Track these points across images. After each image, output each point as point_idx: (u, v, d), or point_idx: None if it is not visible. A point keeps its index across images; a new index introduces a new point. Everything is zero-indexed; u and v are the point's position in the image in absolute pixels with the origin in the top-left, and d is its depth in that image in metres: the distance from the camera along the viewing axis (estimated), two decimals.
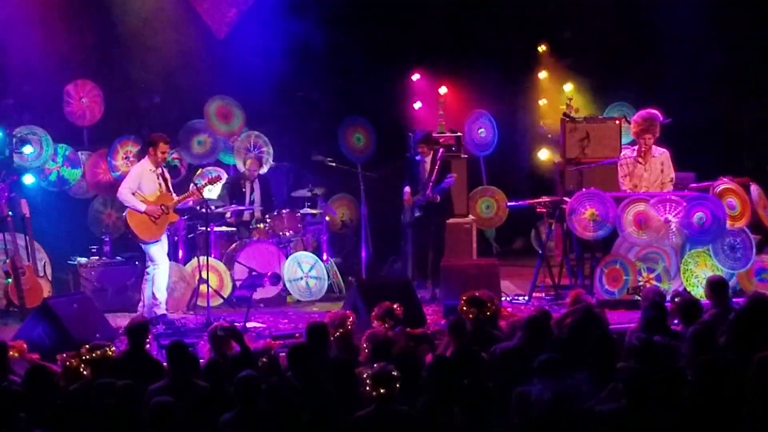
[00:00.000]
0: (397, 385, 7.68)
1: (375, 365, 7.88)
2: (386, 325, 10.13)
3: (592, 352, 8.75)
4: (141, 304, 13.39)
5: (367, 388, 7.68)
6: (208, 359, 9.06)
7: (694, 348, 8.58)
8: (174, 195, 13.49)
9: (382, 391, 7.63)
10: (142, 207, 13.14)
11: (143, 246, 13.31)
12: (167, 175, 13.57)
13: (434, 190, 14.36)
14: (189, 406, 7.69)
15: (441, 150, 14.75)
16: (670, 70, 17.40)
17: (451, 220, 15.04)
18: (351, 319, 9.94)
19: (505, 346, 9.38)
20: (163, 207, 13.24)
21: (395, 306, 10.41)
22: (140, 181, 13.27)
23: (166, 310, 13.40)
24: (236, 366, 8.69)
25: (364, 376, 7.75)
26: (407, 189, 14.61)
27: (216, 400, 7.86)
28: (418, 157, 14.60)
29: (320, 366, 8.65)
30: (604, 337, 9.22)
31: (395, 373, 7.71)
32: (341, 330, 9.73)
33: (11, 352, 9.42)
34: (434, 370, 8.19)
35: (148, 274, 13.36)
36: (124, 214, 13.38)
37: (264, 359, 8.97)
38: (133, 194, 13.20)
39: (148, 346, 10.11)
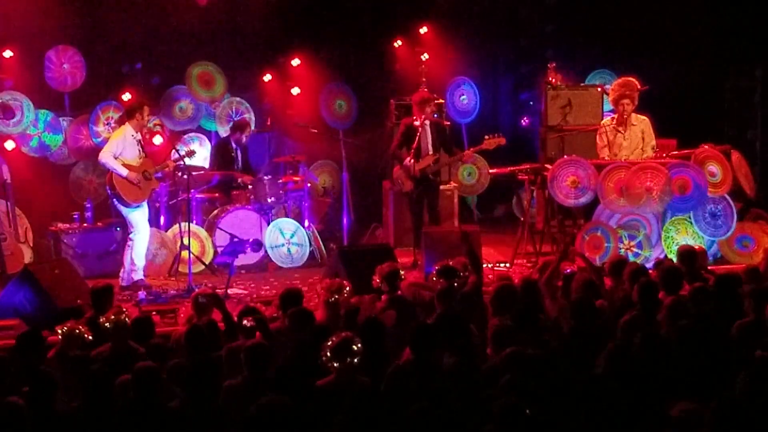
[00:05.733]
0: (357, 357, 7.58)
1: (339, 335, 7.77)
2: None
3: None
4: (122, 270, 13.35)
5: (325, 359, 7.60)
6: (191, 326, 9.06)
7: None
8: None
9: (336, 364, 7.54)
10: (125, 172, 13.00)
11: (125, 211, 13.20)
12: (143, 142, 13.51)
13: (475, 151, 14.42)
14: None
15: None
16: (651, 37, 17.39)
17: None
18: (347, 288, 9.91)
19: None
20: (145, 173, 13.19)
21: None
22: (124, 146, 13.16)
23: (145, 275, 13.38)
24: (218, 333, 8.72)
25: (326, 346, 7.67)
26: (409, 158, 14.03)
27: (198, 366, 7.83)
28: (416, 123, 14.11)
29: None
30: None
31: (357, 346, 7.61)
32: (334, 298, 9.72)
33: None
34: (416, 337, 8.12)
35: (131, 240, 13.28)
36: (108, 175, 13.19)
37: (251, 323, 8.97)
38: (116, 158, 13.12)
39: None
